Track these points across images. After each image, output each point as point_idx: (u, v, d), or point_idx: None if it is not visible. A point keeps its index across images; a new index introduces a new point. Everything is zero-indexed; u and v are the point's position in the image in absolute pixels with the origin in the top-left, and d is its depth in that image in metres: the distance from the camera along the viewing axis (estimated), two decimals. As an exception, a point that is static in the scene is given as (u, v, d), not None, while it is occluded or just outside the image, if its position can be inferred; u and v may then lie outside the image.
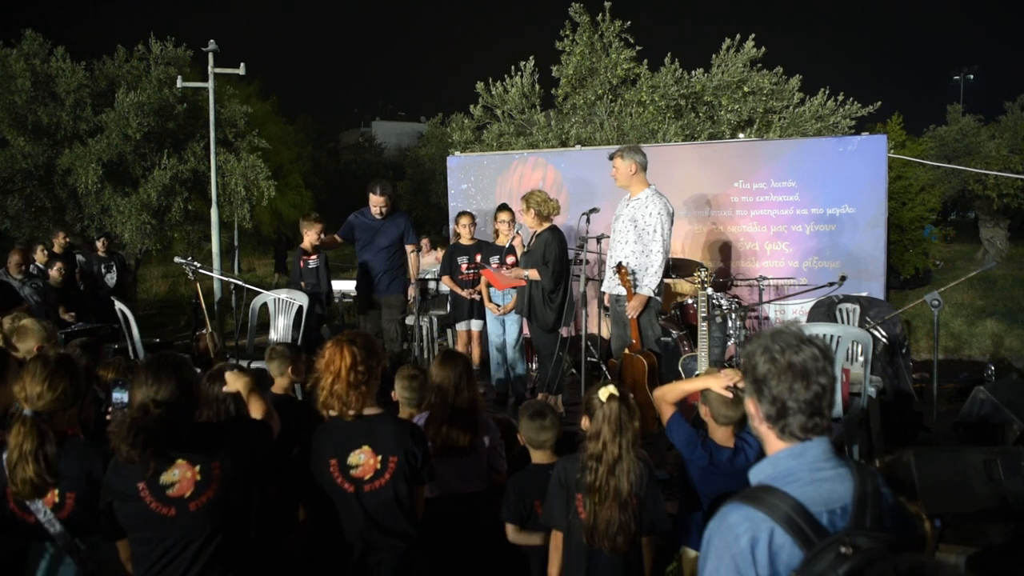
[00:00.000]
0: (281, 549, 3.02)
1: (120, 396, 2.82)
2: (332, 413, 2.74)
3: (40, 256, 8.68)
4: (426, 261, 9.80)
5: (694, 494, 2.96)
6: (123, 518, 2.35)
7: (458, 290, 6.50)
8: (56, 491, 2.49)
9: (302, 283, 6.58)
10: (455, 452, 3.25)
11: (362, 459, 2.69)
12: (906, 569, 1.23)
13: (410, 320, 6.52)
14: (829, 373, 1.63)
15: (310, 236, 6.59)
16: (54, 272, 8.29)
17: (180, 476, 2.31)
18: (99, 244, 9.33)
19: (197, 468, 2.32)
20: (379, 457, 2.69)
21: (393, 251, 6.46)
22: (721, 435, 2.94)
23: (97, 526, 2.43)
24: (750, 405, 1.68)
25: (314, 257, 6.61)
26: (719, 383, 2.80)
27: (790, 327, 1.71)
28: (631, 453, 2.69)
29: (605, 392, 2.73)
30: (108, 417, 2.83)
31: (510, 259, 6.13)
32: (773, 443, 1.64)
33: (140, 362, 2.88)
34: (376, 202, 6.38)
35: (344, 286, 8.46)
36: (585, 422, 2.81)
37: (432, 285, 7.27)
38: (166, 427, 2.29)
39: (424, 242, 8.16)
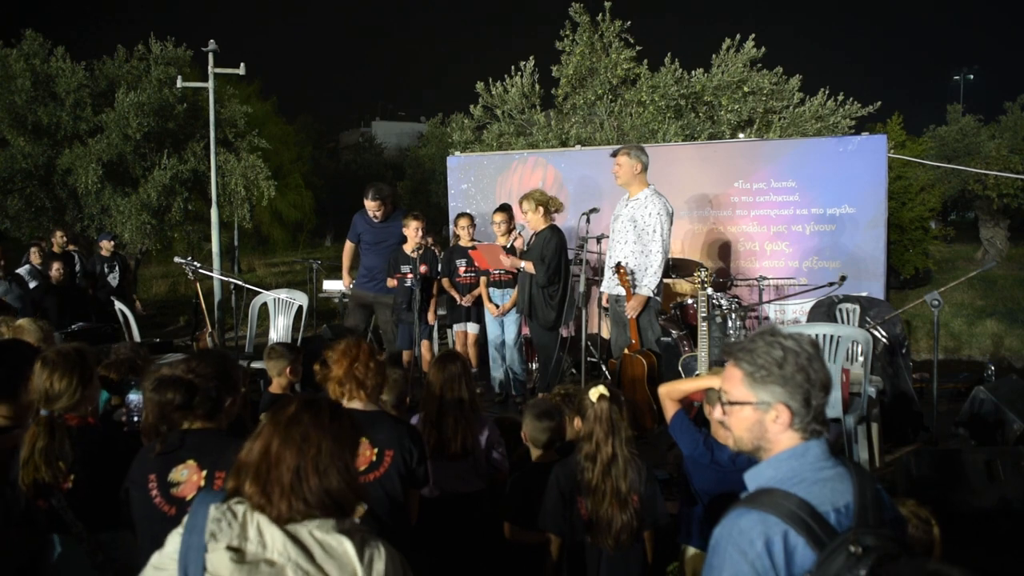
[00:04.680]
0: None
1: (135, 398, 2.82)
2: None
3: (35, 257, 8.66)
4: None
5: (695, 493, 2.96)
6: (133, 509, 2.35)
7: (455, 294, 6.50)
8: (72, 477, 2.49)
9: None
10: (452, 453, 3.25)
11: (359, 450, 2.71)
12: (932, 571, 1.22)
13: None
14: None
15: (409, 234, 6.19)
16: (55, 272, 8.26)
17: (187, 477, 2.30)
18: (107, 244, 9.32)
19: (204, 473, 2.30)
20: (375, 450, 2.70)
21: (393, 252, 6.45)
22: (724, 434, 2.94)
23: (110, 518, 2.43)
24: (765, 414, 1.61)
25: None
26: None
27: (772, 326, 1.71)
28: (625, 451, 2.70)
29: (595, 392, 2.74)
30: (124, 418, 2.83)
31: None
32: (780, 445, 1.63)
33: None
34: (370, 207, 6.39)
35: (342, 286, 8.43)
36: (577, 423, 2.81)
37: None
38: (191, 395, 2.29)
39: (429, 240, 8.14)
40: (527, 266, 5.72)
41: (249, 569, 1.46)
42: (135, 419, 2.79)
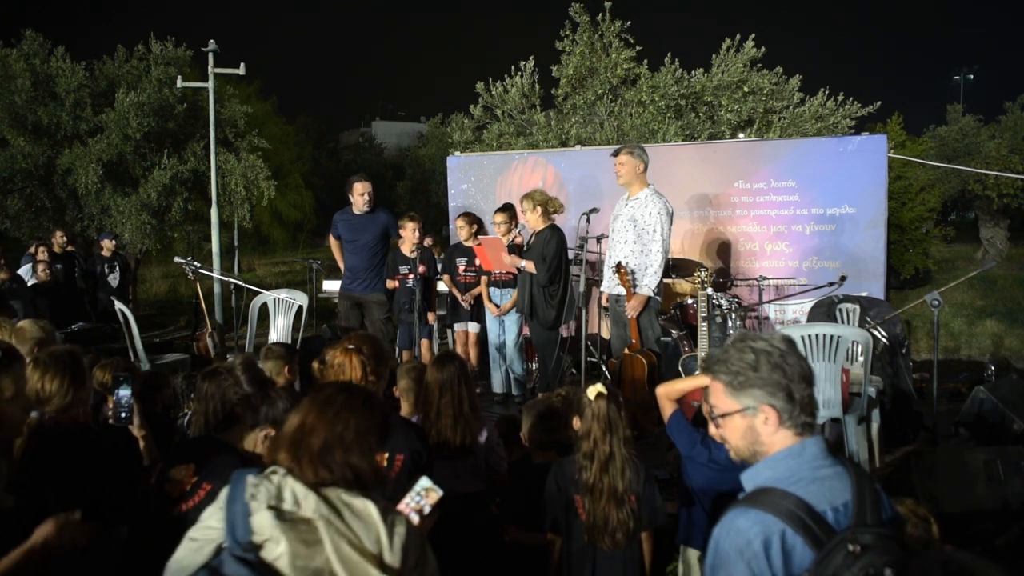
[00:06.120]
0: None
1: (125, 393, 2.80)
2: None
3: (40, 255, 8.64)
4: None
5: (693, 492, 2.96)
6: None
7: (456, 293, 6.50)
8: (64, 477, 2.48)
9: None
10: (451, 453, 3.25)
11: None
12: (956, 570, 1.21)
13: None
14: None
15: (407, 235, 6.21)
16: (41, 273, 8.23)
17: (181, 477, 2.30)
18: (107, 244, 9.31)
19: (195, 480, 2.30)
20: (386, 455, 2.70)
21: (375, 249, 6.41)
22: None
23: (104, 518, 2.43)
24: (756, 419, 1.63)
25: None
26: None
27: (742, 334, 1.71)
28: (623, 450, 2.70)
29: (593, 391, 2.74)
30: (110, 413, 2.82)
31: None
32: (776, 446, 1.63)
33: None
34: (362, 189, 6.34)
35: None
36: (576, 422, 2.81)
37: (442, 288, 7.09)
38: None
39: (428, 240, 8.15)
40: (528, 265, 5.72)
41: (289, 526, 1.58)
42: (122, 415, 2.78)
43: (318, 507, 1.61)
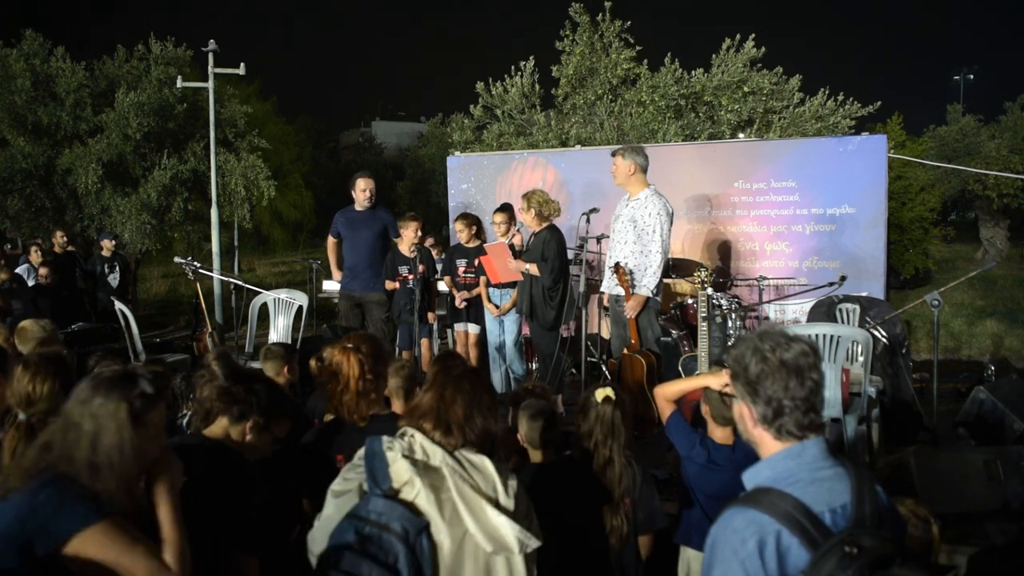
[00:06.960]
0: (287, 541, 3.01)
1: None
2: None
3: (34, 257, 8.65)
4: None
5: (692, 493, 2.96)
6: None
7: (456, 293, 6.50)
8: None
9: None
10: None
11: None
12: None
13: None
14: (820, 369, 1.64)
15: (408, 235, 6.22)
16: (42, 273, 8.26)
17: None
18: (107, 244, 9.32)
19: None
20: None
21: (374, 246, 6.40)
22: (720, 434, 2.94)
23: None
24: (743, 409, 1.67)
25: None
26: (719, 382, 2.80)
27: (775, 327, 1.71)
28: (622, 456, 2.69)
29: (601, 394, 2.74)
30: None
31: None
32: (769, 445, 1.64)
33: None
34: (364, 185, 6.36)
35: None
36: (579, 420, 2.81)
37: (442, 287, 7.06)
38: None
39: (429, 241, 8.14)
40: (531, 268, 5.73)
41: (422, 471, 1.87)
42: None
43: (444, 458, 1.90)
